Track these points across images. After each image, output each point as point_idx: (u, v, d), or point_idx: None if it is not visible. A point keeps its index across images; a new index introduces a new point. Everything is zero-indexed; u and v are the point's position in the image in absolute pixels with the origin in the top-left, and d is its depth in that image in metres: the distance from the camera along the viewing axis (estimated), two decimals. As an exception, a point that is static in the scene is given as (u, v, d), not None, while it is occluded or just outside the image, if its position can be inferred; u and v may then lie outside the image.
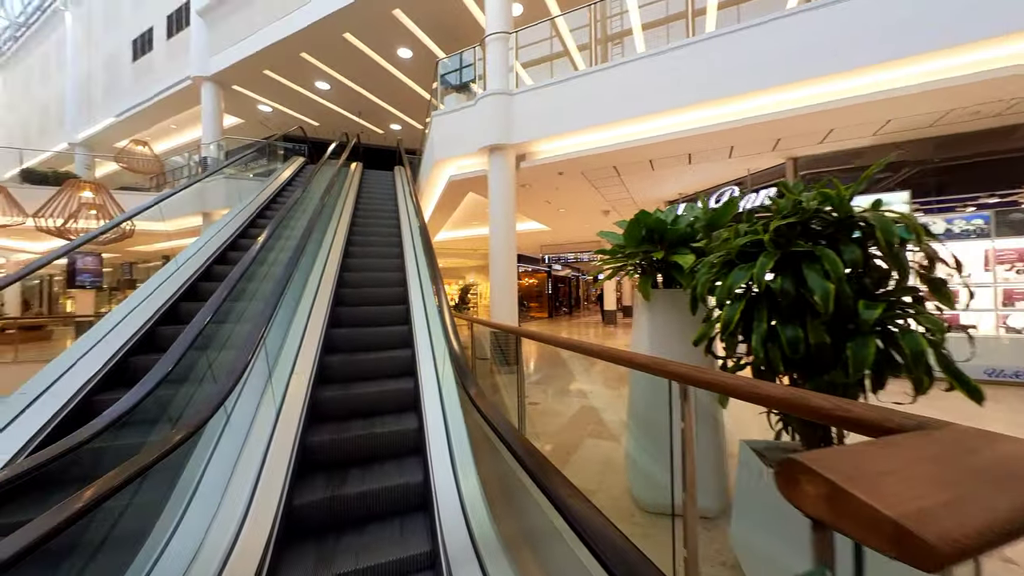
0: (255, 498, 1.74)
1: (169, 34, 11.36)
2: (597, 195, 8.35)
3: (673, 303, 2.16)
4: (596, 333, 12.58)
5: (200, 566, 1.44)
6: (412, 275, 4.22)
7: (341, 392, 2.58)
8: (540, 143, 6.20)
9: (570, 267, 25.85)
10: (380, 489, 1.95)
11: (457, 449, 2.13)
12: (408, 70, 10.20)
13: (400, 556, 1.67)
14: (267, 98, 11.54)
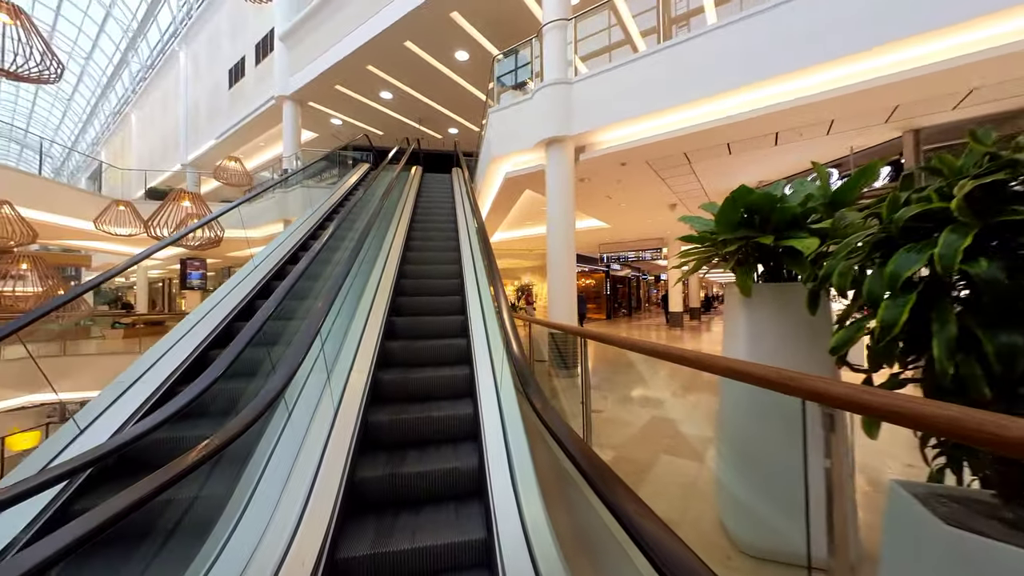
0: (321, 470, 1.84)
1: (257, 60, 12.64)
2: (663, 187, 7.72)
3: (783, 300, 1.75)
4: (661, 336, 11.74)
5: (273, 533, 1.53)
6: (468, 266, 4.15)
7: (400, 375, 2.70)
8: (601, 133, 5.82)
9: (630, 266, 24.67)
10: (437, 471, 1.99)
11: (512, 439, 2.07)
12: (465, 72, 10.30)
13: (455, 540, 1.69)
14: (338, 111, 12.37)
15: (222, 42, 14.35)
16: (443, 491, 1.98)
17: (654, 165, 6.49)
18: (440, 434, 2.33)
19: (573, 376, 6.09)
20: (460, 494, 1.99)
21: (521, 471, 1.85)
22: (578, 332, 2.61)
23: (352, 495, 1.88)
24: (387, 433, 2.27)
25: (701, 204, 2.21)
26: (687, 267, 2.17)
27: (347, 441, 2.03)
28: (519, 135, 6.40)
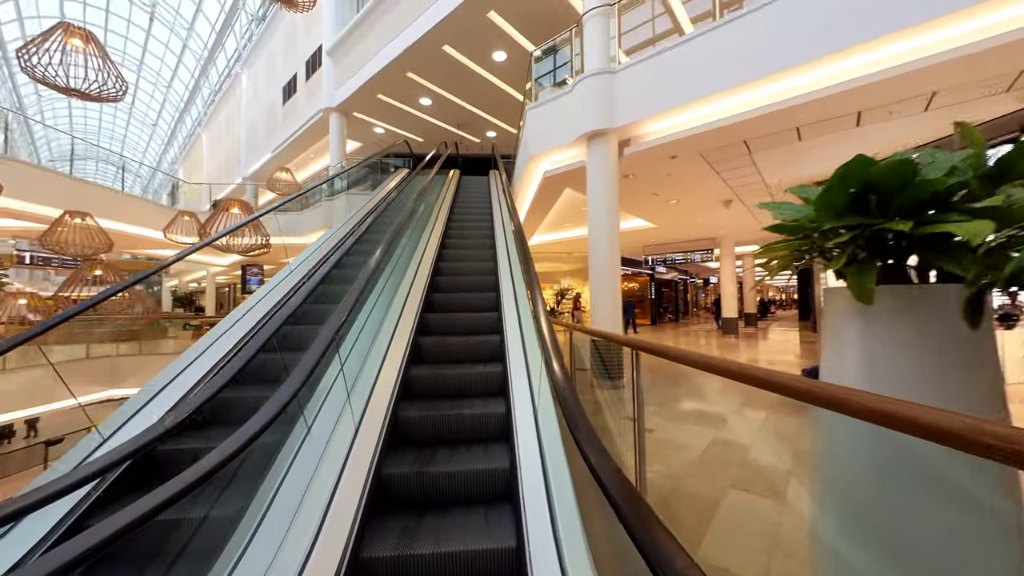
0: (348, 464, 1.81)
1: (307, 76, 13.32)
2: (717, 181, 7.05)
3: (923, 308, 1.29)
4: (713, 345, 10.82)
5: (301, 522, 1.52)
6: (504, 268, 3.91)
7: (431, 371, 2.69)
8: (648, 123, 5.35)
9: (676, 269, 23.39)
10: (467, 472, 1.92)
11: (547, 442, 1.95)
12: (502, 73, 10.16)
13: (483, 547, 1.60)
14: (380, 120, 12.71)
15: (276, 62, 15.32)
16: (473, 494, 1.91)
17: (708, 157, 5.90)
18: (471, 433, 2.27)
19: (618, 388, 5.63)
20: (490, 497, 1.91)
21: (556, 479, 1.72)
22: (628, 343, 2.24)
23: (378, 491, 1.85)
24: (417, 430, 2.24)
25: (789, 188, 1.78)
26: (771, 266, 1.74)
27: (375, 436, 2.00)
28: (558, 131, 6.08)
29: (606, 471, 0.83)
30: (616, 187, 5.61)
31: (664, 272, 21.87)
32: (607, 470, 0.83)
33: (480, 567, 1.57)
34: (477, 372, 2.70)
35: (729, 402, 4.90)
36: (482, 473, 1.92)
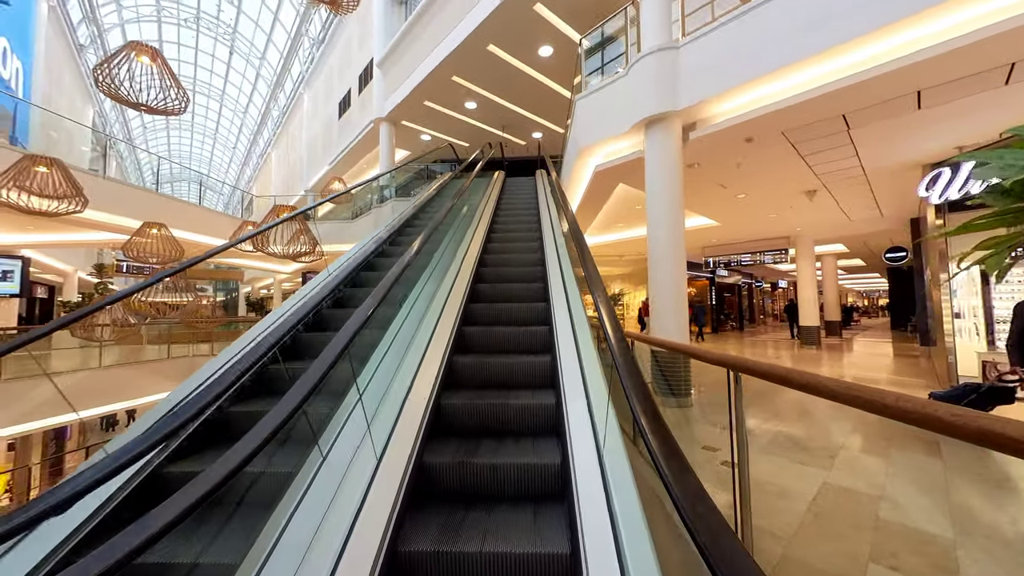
0: (388, 449, 1.72)
1: (360, 90, 13.86)
2: (800, 167, 6.07)
3: None
4: (792, 357, 9.48)
5: (338, 511, 1.44)
6: (554, 278, 3.40)
7: (475, 360, 2.58)
8: (718, 102, 4.66)
9: (740, 272, 21.40)
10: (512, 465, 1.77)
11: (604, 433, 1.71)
12: (549, 69, 9.76)
13: (532, 551, 1.42)
14: (427, 127, 12.85)
15: (333, 79, 16.17)
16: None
17: (792, 137, 5.03)
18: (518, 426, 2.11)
19: (684, 407, 4.91)
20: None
21: (617, 481, 1.49)
22: (725, 362, 1.69)
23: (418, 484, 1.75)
24: (460, 419, 2.15)
25: (1008, 130, 1.17)
26: (984, 249, 1.12)
27: (417, 420, 1.89)
28: (611, 120, 5.53)
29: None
30: (680, 178, 4.95)
31: (726, 275, 20.10)
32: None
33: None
34: (523, 362, 2.50)
35: (828, 430, 4.02)
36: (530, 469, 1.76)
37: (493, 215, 5.67)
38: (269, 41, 24.05)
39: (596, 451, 1.64)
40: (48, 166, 5.08)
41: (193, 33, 25.01)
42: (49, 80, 14.56)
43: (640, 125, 5.12)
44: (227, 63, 27.28)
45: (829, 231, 11.00)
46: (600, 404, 1.87)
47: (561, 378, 2.17)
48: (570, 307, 2.91)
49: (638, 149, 5.54)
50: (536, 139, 13.95)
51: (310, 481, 1.53)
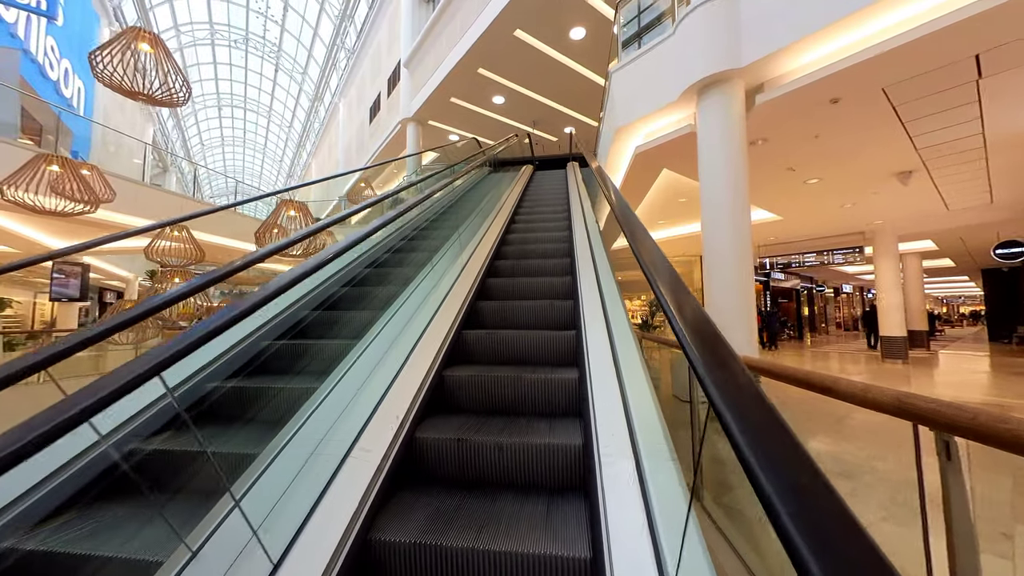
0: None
1: (388, 93, 13.75)
2: (897, 138, 4.88)
3: None
4: (881, 375, 7.94)
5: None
6: (588, 294, 2.55)
7: (487, 335, 2.24)
8: (794, 53, 3.69)
9: (798, 275, 19.28)
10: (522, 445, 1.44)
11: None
12: (581, 53, 9.00)
13: (543, 552, 1.07)
14: (454, 126, 12.44)
15: (365, 86, 16.29)
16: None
17: (895, 95, 3.93)
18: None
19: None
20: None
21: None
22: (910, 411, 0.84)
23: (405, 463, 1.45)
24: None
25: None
26: None
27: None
28: (655, 89, 4.67)
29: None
30: (743, 154, 4.01)
31: (782, 279, 18.13)
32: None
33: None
34: (547, 337, 2.11)
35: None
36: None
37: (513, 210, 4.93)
38: (310, 56, 25.03)
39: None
40: (61, 166, 4.96)
41: (242, 53, 26.55)
42: (111, 100, 15.66)
43: (691, 92, 4.23)
44: (273, 80, 28.76)
45: (917, 224, 9.31)
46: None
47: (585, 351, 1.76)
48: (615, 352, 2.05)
49: (688, 123, 4.64)
50: (567, 134, 13.15)
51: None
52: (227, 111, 32.71)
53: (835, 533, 0.38)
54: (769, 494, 0.41)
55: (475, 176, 7.90)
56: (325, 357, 1.98)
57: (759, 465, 0.45)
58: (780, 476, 0.43)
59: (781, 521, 0.38)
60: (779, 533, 0.38)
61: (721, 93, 4.04)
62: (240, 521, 1.04)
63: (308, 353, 2.09)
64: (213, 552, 1.01)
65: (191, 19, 22.20)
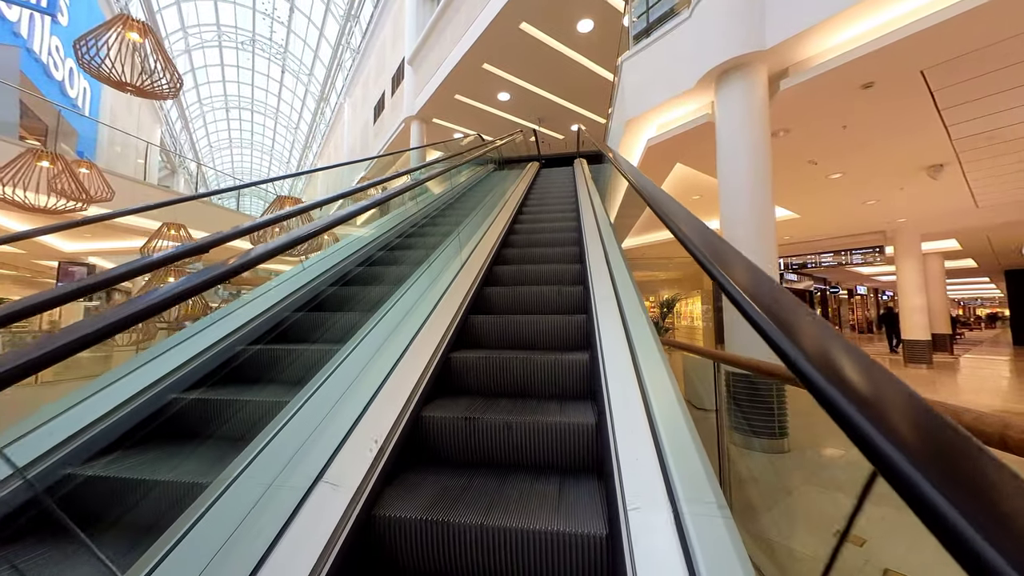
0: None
1: (392, 92, 13.58)
2: (931, 128, 4.53)
3: None
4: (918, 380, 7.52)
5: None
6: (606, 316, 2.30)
7: (496, 320, 2.19)
8: (824, 33, 3.39)
9: (811, 276, 18.78)
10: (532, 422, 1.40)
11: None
12: (588, 47, 8.73)
13: (554, 528, 1.02)
14: (459, 124, 12.23)
15: (369, 85, 16.16)
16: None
17: (935, 79, 3.61)
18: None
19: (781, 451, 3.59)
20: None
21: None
22: None
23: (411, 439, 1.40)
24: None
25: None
26: None
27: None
28: (670, 77, 4.39)
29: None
30: (766, 145, 3.72)
31: (794, 280, 17.67)
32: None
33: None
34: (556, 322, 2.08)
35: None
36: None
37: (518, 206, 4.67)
38: (315, 57, 25.04)
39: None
40: (52, 162, 4.81)
41: (249, 55, 26.64)
42: (118, 101, 15.69)
43: (710, 79, 3.95)
44: (280, 81, 28.86)
45: (943, 222, 8.89)
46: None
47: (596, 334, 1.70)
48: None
49: (705, 112, 4.35)
50: (574, 131, 12.88)
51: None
52: (235, 113, 32.92)
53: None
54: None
55: (478, 173, 7.66)
56: (341, 328, 2.06)
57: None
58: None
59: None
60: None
61: (742, 79, 3.74)
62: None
63: (326, 324, 2.19)
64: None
65: (199, 21, 22.30)
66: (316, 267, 2.74)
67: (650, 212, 5.21)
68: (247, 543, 0.91)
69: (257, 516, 0.97)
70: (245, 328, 2.01)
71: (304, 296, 2.41)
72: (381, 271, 2.94)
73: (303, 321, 2.21)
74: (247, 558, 0.87)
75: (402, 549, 1.07)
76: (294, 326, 2.19)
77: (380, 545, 1.08)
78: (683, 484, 0.96)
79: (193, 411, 1.59)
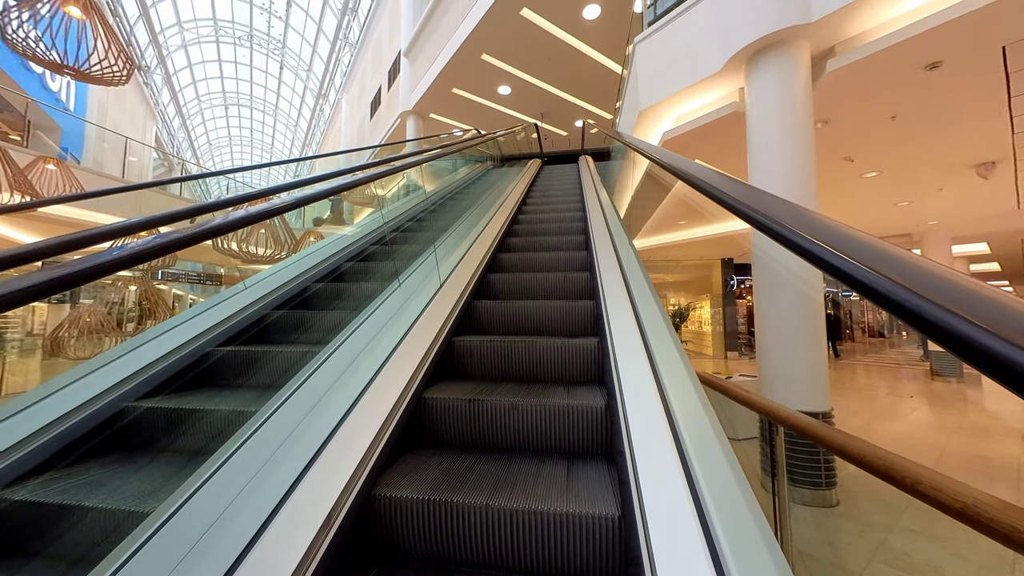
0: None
1: (388, 86, 13.03)
2: (993, 119, 3.92)
3: None
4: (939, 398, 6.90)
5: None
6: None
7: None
8: (883, 2, 2.80)
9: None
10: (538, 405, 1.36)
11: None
12: (594, 36, 8.13)
13: (564, 510, 0.97)
14: (458, 120, 11.66)
15: (366, 80, 15.62)
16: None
17: (1018, 55, 3.00)
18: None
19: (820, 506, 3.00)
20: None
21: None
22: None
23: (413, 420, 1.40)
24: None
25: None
26: None
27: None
28: (691, 60, 3.80)
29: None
30: (809, 136, 3.14)
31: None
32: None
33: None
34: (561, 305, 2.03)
35: None
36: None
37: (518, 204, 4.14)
38: (314, 52, 24.52)
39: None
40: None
41: (247, 51, 26.15)
42: (109, 96, 15.21)
43: (740, 60, 3.36)
44: (278, 78, 28.37)
45: (977, 224, 8.24)
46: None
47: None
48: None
49: (731, 101, 3.77)
50: (578, 128, 12.29)
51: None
52: (234, 110, 32.47)
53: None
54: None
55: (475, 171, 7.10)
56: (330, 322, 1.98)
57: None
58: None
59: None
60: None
61: (781, 59, 3.16)
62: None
63: (310, 322, 2.10)
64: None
65: (195, 15, 21.80)
66: (302, 263, 2.63)
67: (663, 212, 4.57)
68: (238, 523, 0.84)
69: (249, 494, 0.91)
70: (268, 298, 2.08)
71: (287, 292, 2.30)
72: (345, 287, 2.43)
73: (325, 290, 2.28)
74: (232, 544, 0.80)
75: (403, 532, 1.03)
76: (277, 322, 2.08)
77: (380, 527, 1.04)
78: (701, 465, 0.89)
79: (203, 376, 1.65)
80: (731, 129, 3.83)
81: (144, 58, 19.87)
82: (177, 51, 23.52)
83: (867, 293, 0.39)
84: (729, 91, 3.84)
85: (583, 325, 1.98)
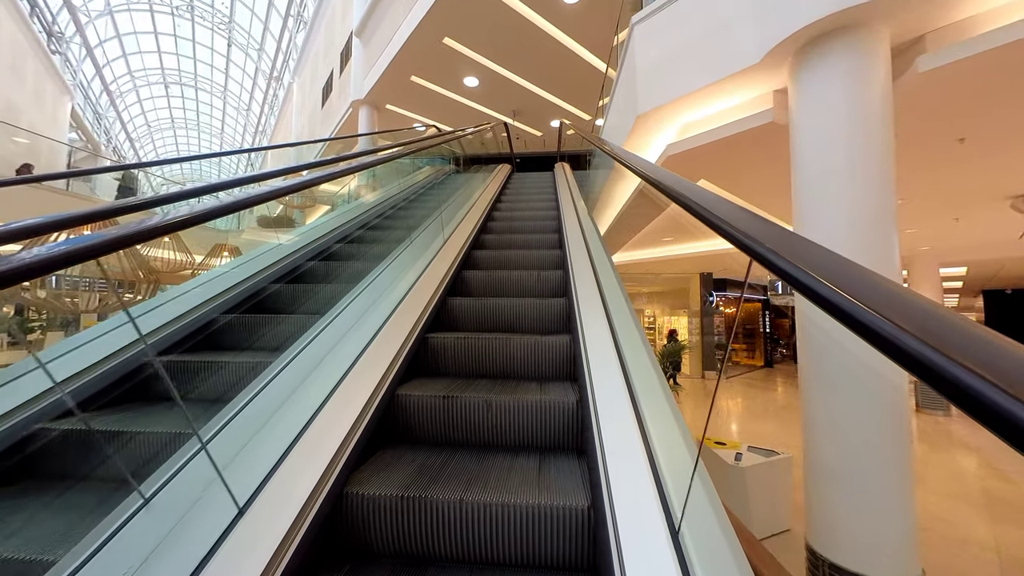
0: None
1: (340, 71, 11.46)
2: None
3: None
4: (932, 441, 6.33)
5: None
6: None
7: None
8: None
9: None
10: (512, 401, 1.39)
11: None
12: (574, 23, 7.06)
13: (536, 502, 1.02)
14: (419, 113, 10.32)
15: (319, 64, 13.89)
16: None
17: None
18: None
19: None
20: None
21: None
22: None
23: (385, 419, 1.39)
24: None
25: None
26: None
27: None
28: (714, 48, 2.75)
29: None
30: (890, 156, 2.17)
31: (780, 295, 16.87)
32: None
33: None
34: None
35: None
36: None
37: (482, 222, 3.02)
38: (265, 30, 22.16)
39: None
40: None
41: (188, 23, 23.37)
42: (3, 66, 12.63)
43: (785, 50, 2.35)
44: (226, 56, 25.64)
45: (966, 252, 7.84)
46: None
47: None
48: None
49: (763, 108, 2.76)
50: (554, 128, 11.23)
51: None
52: (176, 89, 29.21)
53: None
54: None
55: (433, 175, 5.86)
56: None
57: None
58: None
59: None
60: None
61: (849, 50, 2.16)
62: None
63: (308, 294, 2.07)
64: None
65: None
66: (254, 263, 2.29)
67: (651, 227, 3.21)
68: (202, 526, 0.82)
69: (215, 495, 0.87)
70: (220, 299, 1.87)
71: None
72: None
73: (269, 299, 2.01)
74: (198, 545, 0.78)
75: (376, 529, 1.03)
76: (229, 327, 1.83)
77: (352, 525, 1.04)
78: (665, 456, 0.96)
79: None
80: (757, 145, 2.83)
81: (57, 23, 17.02)
82: (102, 17, 20.54)
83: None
84: (759, 93, 2.84)
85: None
